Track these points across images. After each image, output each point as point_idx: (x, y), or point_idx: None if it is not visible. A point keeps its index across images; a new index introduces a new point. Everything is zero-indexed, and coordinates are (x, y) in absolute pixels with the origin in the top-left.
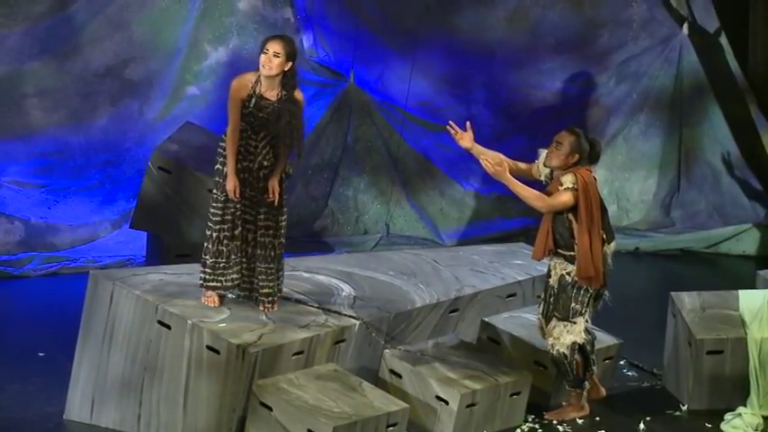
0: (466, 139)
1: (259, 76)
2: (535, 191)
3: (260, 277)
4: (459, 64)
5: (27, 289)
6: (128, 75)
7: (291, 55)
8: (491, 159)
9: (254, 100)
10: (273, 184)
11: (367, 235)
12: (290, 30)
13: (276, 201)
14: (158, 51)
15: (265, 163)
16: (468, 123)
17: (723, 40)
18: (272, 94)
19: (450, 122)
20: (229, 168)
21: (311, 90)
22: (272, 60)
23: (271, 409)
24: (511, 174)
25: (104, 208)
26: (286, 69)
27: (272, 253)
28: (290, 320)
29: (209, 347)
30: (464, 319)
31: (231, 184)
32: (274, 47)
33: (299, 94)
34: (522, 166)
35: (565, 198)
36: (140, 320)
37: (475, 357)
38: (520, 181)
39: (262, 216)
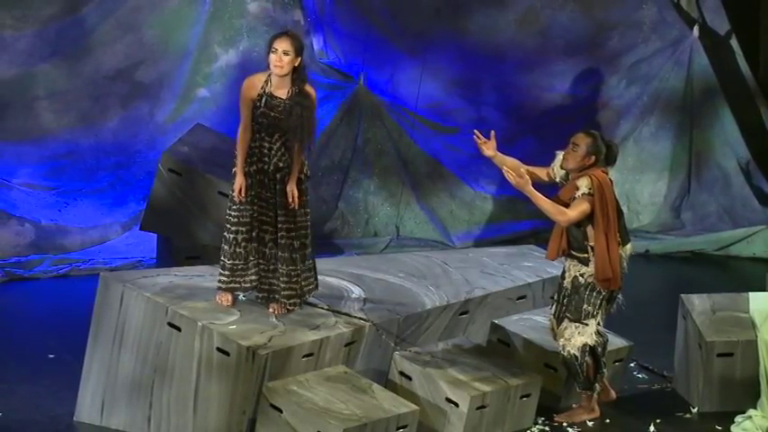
0: (490, 148)
1: (269, 76)
2: (556, 205)
3: (282, 279)
4: (469, 66)
5: (37, 291)
6: (138, 77)
7: (300, 50)
8: (511, 168)
9: (264, 99)
10: (292, 188)
11: (377, 237)
12: (300, 32)
13: (296, 205)
14: (169, 53)
15: (280, 164)
16: (492, 132)
17: (734, 42)
18: (282, 92)
19: (476, 131)
20: (238, 168)
21: (321, 92)
22: (282, 59)
23: (281, 410)
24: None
25: (115, 210)
26: (296, 65)
27: (294, 255)
28: (300, 322)
29: (219, 349)
30: (474, 322)
31: (238, 183)
32: (283, 45)
33: (309, 89)
34: (538, 171)
35: (583, 207)
36: (150, 322)
37: (485, 359)
38: (538, 186)
39: (281, 218)
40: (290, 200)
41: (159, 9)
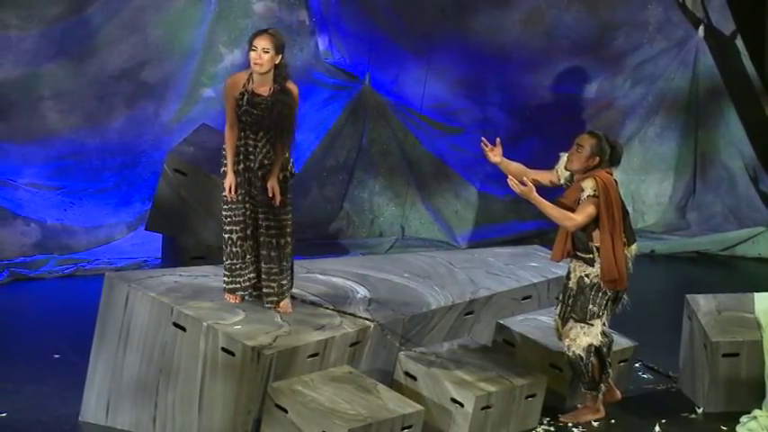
0: (496, 154)
1: (251, 74)
2: (563, 211)
3: (262, 277)
4: (474, 66)
5: (43, 291)
6: (143, 77)
7: (280, 48)
8: (516, 173)
9: (246, 97)
10: (273, 184)
11: (382, 237)
12: (305, 32)
13: (277, 201)
14: (174, 54)
15: (266, 162)
16: (497, 140)
17: (739, 42)
18: (264, 89)
19: (483, 138)
20: (228, 166)
21: (326, 92)
22: (261, 57)
23: (286, 411)
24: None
25: (120, 210)
26: (276, 63)
27: (273, 253)
28: (305, 322)
29: (224, 349)
30: (479, 322)
31: (228, 182)
32: (262, 43)
33: (291, 86)
34: (541, 175)
35: (589, 210)
36: (155, 322)
37: (490, 359)
38: (542, 190)
39: (262, 216)
40: (270, 196)
41: (164, 9)
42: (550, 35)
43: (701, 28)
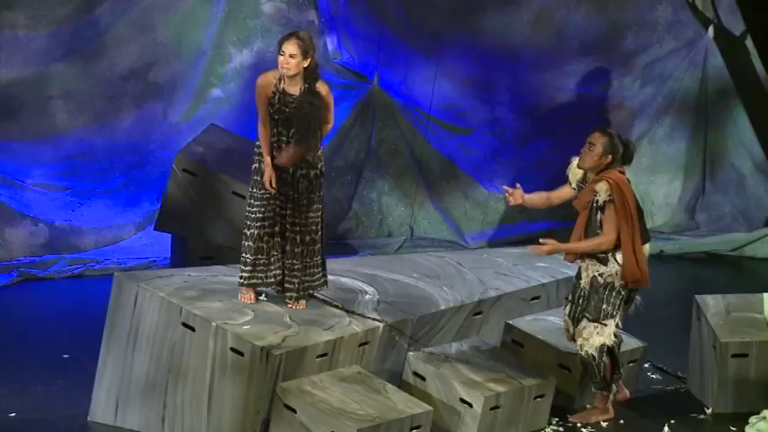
0: (517, 197)
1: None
2: (592, 240)
3: (285, 272)
4: (483, 66)
5: (51, 291)
6: (152, 77)
7: (307, 52)
8: (537, 202)
9: (277, 96)
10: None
11: (391, 237)
12: (314, 32)
13: (285, 161)
14: (183, 54)
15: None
16: (517, 184)
17: (749, 42)
18: (295, 89)
19: (505, 186)
20: (266, 161)
21: (335, 93)
22: (288, 62)
23: (295, 411)
24: (554, 203)
25: (129, 210)
26: (305, 66)
27: (296, 249)
28: (313, 322)
29: (233, 349)
30: (488, 322)
31: (267, 175)
32: (290, 48)
33: (321, 87)
34: (562, 191)
35: (614, 222)
36: (164, 322)
37: (499, 360)
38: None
39: (289, 211)
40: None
41: (173, 9)
42: (560, 35)
43: (711, 28)
